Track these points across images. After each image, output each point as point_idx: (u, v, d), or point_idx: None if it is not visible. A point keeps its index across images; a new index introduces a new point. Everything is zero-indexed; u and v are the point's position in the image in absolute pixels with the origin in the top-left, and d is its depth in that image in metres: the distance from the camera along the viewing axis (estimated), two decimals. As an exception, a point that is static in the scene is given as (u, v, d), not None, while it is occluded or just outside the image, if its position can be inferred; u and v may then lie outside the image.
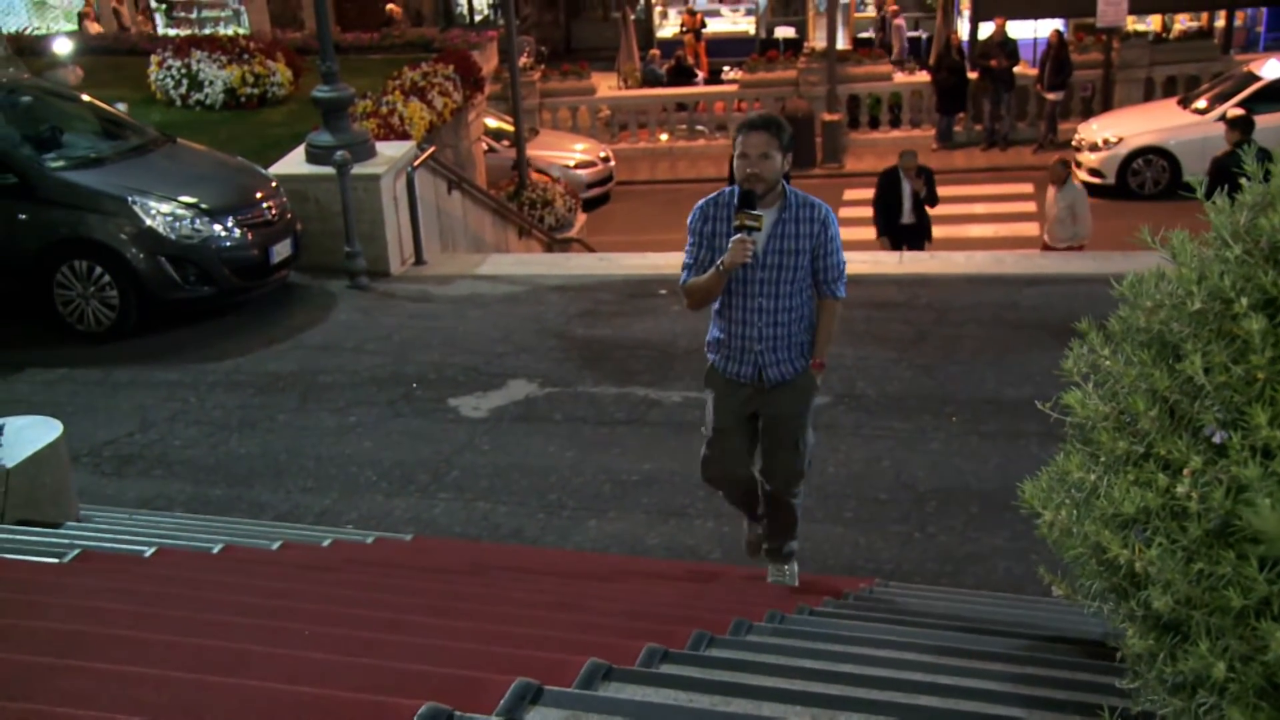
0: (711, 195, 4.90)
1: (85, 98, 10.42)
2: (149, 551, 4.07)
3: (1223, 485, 1.94)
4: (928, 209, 12.46)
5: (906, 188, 12.16)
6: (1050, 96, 19.85)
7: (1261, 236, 2.06)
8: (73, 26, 24.38)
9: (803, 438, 4.97)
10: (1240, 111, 11.67)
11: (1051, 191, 11.96)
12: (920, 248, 12.29)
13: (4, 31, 13.42)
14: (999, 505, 5.98)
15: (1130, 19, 20.86)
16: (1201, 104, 17.40)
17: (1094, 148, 17.55)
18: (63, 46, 15.79)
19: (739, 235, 4.56)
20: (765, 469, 5.07)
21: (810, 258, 4.80)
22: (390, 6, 23.02)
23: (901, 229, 12.39)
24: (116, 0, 23.83)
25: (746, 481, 5.14)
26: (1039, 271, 10.10)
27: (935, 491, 6.32)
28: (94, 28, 21.58)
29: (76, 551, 3.84)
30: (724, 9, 25.99)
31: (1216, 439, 2.00)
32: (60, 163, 8.86)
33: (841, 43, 22.93)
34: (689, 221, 4.90)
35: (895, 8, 24.65)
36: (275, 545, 4.58)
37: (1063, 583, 2.54)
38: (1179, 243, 2.20)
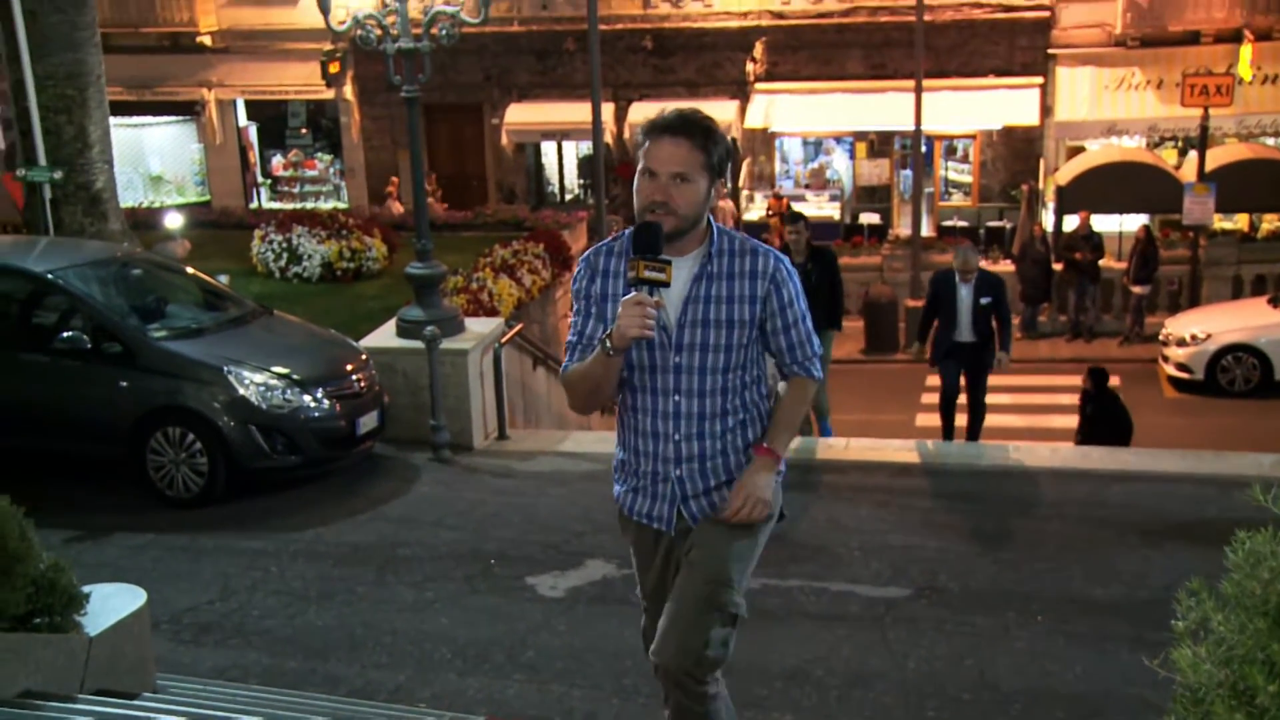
0: (604, 241, 3.48)
1: (190, 270, 10.82)
2: (223, 728, 4.06)
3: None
4: (995, 324, 10.59)
5: (965, 296, 10.47)
6: (1136, 290, 19.85)
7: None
8: (183, 200, 25.57)
9: (720, 591, 3.38)
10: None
11: None
12: (982, 376, 10.88)
13: (121, 206, 14.05)
14: (1087, 711, 5.79)
15: (1217, 217, 20.90)
16: (1292, 303, 17.30)
17: (1181, 343, 17.42)
18: (173, 221, 16.48)
19: (633, 294, 3.10)
20: (660, 640, 3.42)
21: (753, 332, 3.31)
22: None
23: (957, 348, 10.66)
24: (429, 183, 24.87)
25: None
26: (1126, 468, 9.93)
27: (1021, 693, 6.12)
28: (396, 207, 22.55)
29: (153, 726, 3.85)
30: (809, 194, 26.42)
31: None
32: (163, 333, 9.18)
33: (926, 229, 23.19)
34: (573, 281, 3.48)
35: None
36: (348, 725, 4.55)
37: None
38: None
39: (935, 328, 10.90)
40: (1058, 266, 20.58)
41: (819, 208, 25.40)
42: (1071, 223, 21.27)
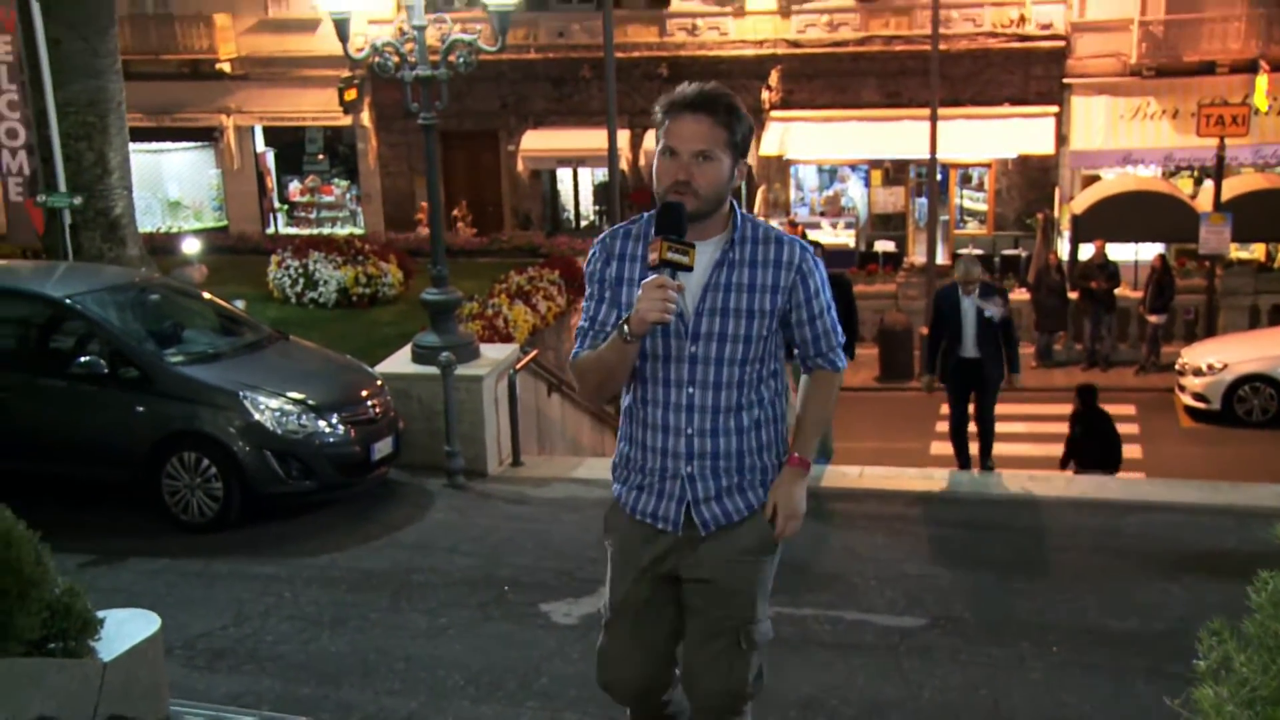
0: (621, 224, 3.27)
1: (207, 295, 10.87)
2: (236, 754, 4.06)
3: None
4: (1001, 341, 10.28)
5: (970, 310, 10.20)
6: (1152, 319, 19.81)
7: None
8: (201, 225, 25.76)
9: (752, 629, 3.35)
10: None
11: None
12: (989, 395, 10.68)
13: (139, 231, 14.16)
14: (1103, 744, 5.75)
15: (1233, 246, 20.86)
16: (1309, 333, 17.25)
17: (1198, 372, 17.35)
18: (191, 246, 16.59)
19: (654, 276, 2.92)
20: (688, 678, 3.41)
21: (774, 323, 3.18)
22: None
23: (962, 365, 10.43)
24: (459, 210, 24.99)
25: (658, 703, 3.56)
26: (1142, 498, 9.87)
27: (1035, 725, 6.09)
28: (425, 233, 22.78)
29: (166, 751, 3.85)
30: (824, 222, 26.46)
31: None
32: (179, 358, 9.21)
33: (941, 257, 23.19)
34: (586, 264, 3.31)
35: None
36: (360, 752, 4.54)
37: None
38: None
39: (943, 349, 10.74)
40: (1073, 295, 20.57)
41: (834, 235, 25.44)
42: (1087, 251, 21.25)
